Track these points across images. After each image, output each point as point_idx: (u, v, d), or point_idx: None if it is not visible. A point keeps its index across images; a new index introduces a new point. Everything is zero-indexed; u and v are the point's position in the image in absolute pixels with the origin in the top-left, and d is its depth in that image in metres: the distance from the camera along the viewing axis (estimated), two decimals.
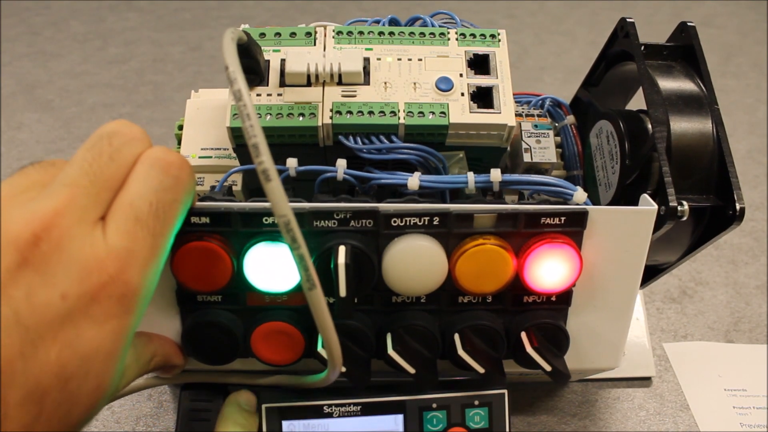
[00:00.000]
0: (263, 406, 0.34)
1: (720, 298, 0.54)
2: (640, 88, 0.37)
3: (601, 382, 0.47)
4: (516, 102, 0.44)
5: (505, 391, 0.35)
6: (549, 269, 0.32)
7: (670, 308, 0.53)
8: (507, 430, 0.35)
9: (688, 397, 0.46)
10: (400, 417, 0.35)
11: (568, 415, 0.45)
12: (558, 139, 0.42)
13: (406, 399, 0.35)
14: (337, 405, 0.34)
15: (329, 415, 0.34)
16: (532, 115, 0.43)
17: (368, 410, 0.34)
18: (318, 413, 0.34)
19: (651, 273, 0.40)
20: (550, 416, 0.45)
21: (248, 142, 0.23)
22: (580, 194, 0.33)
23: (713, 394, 0.47)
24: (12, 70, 0.79)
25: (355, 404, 0.34)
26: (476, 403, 0.35)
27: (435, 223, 0.31)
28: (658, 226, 0.33)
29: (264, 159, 0.23)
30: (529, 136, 0.41)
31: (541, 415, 0.45)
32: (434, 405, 0.35)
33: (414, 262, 0.31)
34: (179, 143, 0.39)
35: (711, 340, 0.51)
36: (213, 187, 0.37)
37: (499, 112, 0.34)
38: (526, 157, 0.40)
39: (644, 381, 0.47)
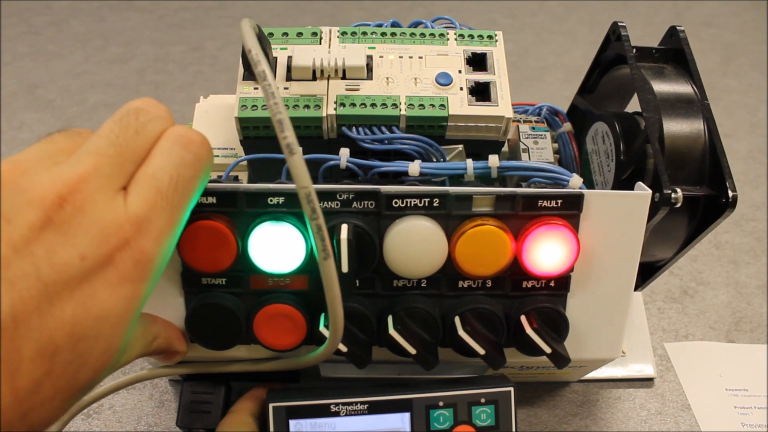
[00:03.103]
0: (270, 405, 0.34)
1: (721, 298, 0.54)
2: (635, 95, 0.37)
3: (602, 382, 0.47)
4: (514, 112, 0.44)
5: (512, 389, 0.35)
6: (547, 251, 0.32)
7: (671, 308, 0.53)
8: (513, 427, 0.35)
9: (689, 397, 0.46)
10: (407, 415, 0.35)
11: (569, 415, 0.45)
12: (555, 145, 0.43)
13: (413, 397, 0.35)
14: (344, 404, 0.34)
15: (336, 414, 0.34)
16: (530, 122, 0.44)
17: (375, 408, 0.34)
18: (325, 412, 0.34)
19: (650, 271, 0.41)
20: (552, 416, 0.45)
21: (273, 118, 0.25)
22: (575, 179, 0.34)
23: (714, 394, 0.47)
24: (13, 70, 0.79)
25: (362, 403, 0.34)
26: (483, 400, 0.35)
27: (435, 204, 0.32)
28: (652, 214, 0.33)
29: (288, 134, 0.25)
30: (526, 138, 0.42)
31: (542, 414, 0.45)
32: (441, 403, 0.35)
33: (414, 243, 0.32)
34: None
35: (712, 339, 0.51)
36: (220, 177, 0.38)
37: (497, 105, 0.36)
38: (524, 157, 0.41)
39: (645, 381, 0.47)
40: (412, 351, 0.32)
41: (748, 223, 0.61)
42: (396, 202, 0.31)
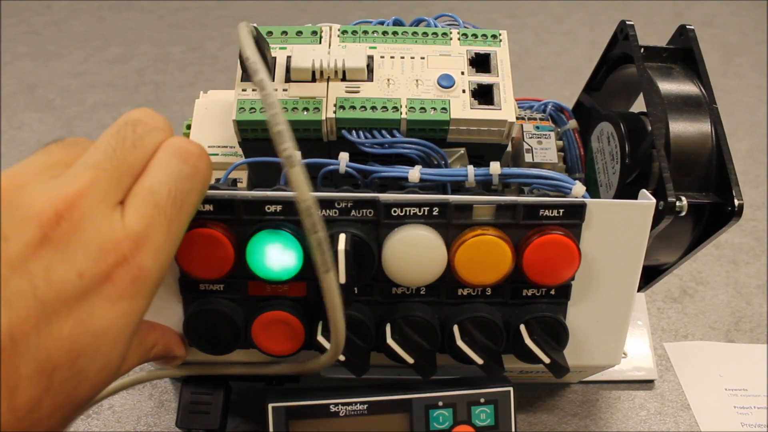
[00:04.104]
0: (270, 406, 0.34)
1: (721, 297, 0.54)
2: (642, 93, 0.37)
3: (602, 382, 0.47)
4: (519, 107, 0.44)
5: (511, 389, 0.35)
6: (548, 261, 0.32)
7: (671, 308, 0.53)
8: (513, 427, 0.35)
9: (689, 396, 0.46)
10: (406, 415, 0.35)
11: (569, 415, 0.45)
12: (560, 143, 0.42)
13: (413, 397, 0.35)
14: (343, 404, 0.34)
15: (336, 414, 0.34)
16: (535, 119, 0.43)
17: (375, 409, 0.34)
18: (325, 412, 0.34)
19: (652, 274, 0.41)
20: (551, 416, 0.45)
21: (272, 129, 0.24)
22: (578, 188, 0.33)
23: (714, 394, 0.47)
24: (13, 70, 0.79)
25: (361, 403, 0.34)
26: (482, 400, 0.35)
27: (435, 213, 0.31)
28: (656, 222, 0.33)
29: (288, 146, 0.24)
30: (530, 137, 0.41)
31: (542, 414, 0.45)
32: (440, 403, 0.35)
33: (414, 252, 0.31)
34: None
35: (712, 339, 0.51)
36: (218, 180, 0.38)
37: (500, 109, 0.35)
38: (528, 158, 0.40)
39: (645, 381, 0.47)
40: (410, 360, 0.32)
41: (748, 223, 0.61)
42: (395, 211, 0.31)
